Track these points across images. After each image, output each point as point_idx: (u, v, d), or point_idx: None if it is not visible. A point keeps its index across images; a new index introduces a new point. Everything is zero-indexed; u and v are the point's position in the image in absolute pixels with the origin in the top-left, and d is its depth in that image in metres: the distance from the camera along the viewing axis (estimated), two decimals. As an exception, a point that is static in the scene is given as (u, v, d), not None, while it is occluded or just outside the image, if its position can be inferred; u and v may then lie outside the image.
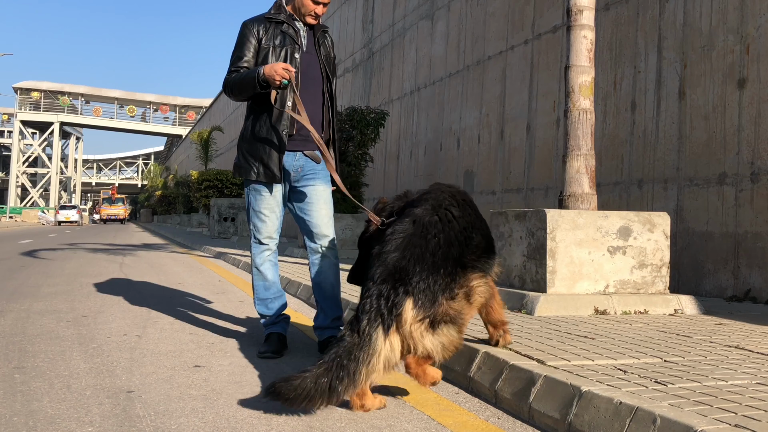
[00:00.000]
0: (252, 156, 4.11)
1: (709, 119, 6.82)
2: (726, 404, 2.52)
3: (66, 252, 14.49)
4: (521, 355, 3.39)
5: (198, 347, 4.31)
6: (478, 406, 3.14)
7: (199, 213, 31.55)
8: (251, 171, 4.10)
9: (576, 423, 2.65)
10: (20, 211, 70.16)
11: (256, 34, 4.09)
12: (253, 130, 4.11)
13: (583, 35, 5.70)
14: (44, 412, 2.86)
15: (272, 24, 4.12)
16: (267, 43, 4.08)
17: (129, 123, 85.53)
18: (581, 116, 5.63)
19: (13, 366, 3.70)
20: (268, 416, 2.86)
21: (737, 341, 3.96)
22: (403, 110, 14.88)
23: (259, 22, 4.13)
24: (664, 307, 5.16)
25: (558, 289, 5.11)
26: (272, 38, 4.08)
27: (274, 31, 4.10)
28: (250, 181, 4.16)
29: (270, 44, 4.07)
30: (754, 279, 6.25)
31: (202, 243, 17.49)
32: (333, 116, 4.24)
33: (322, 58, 4.19)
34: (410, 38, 14.67)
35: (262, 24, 4.13)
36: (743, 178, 6.40)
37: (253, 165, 4.09)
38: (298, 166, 4.11)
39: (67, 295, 6.86)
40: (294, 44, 4.09)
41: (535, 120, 9.72)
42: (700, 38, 6.99)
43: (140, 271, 10.01)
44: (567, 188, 5.60)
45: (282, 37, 4.09)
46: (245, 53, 4.08)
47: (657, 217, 5.42)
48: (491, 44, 11.14)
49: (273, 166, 4.04)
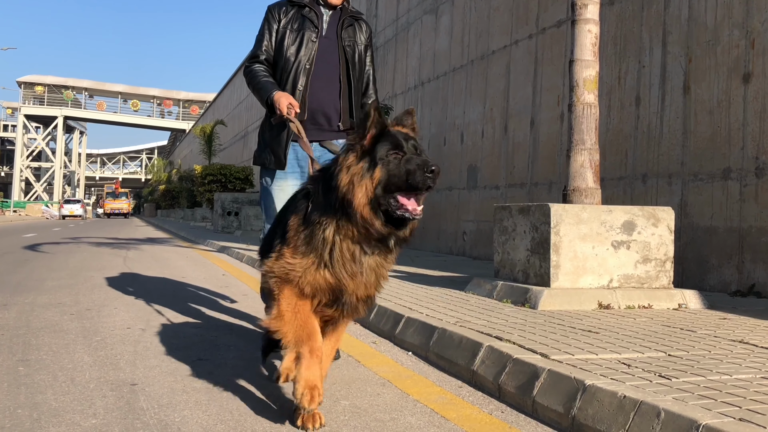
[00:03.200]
0: (266, 145, 4.08)
1: (714, 114, 6.79)
2: (730, 398, 2.52)
3: (70, 246, 14.52)
4: (525, 348, 3.38)
5: (201, 340, 4.32)
6: (481, 400, 3.14)
7: (203, 207, 31.59)
8: (264, 159, 4.08)
9: (580, 417, 2.65)
10: (24, 205, 70.36)
11: (276, 17, 4.07)
12: (268, 118, 4.06)
13: (587, 29, 5.68)
14: (48, 404, 2.87)
15: (294, 7, 4.09)
16: (286, 26, 4.05)
17: (132, 117, 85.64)
18: (585, 110, 5.62)
19: (17, 359, 3.71)
20: (271, 409, 2.87)
21: (741, 336, 3.95)
22: (406, 105, 14.85)
23: (281, 6, 4.12)
24: (668, 302, 5.15)
25: (562, 284, 5.10)
26: (292, 22, 4.05)
27: (295, 15, 4.06)
28: (266, 172, 4.11)
29: (288, 28, 4.04)
30: (758, 274, 6.23)
31: (206, 237, 17.51)
32: (351, 104, 4.09)
33: (343, 43, 4.10)
34: (414, 33, 14.64)
35: (283, 7, 4.11)
36: (748, 173, 6.38)
37: (266, 153, 4.07)
38: None
39: (71, 288, 6.87)
40: (313, 28, 4.04)
41: (539, 115, 9.70)
42: (705, 33, 6.96)
43: (144, 264, 10.02)
44: (571, 183, 5.59)
45: (301, 20, 4.04)
46: (264, 39, 4.08)
47: (661, 211, 5.41)
48: (495, 39, 11.11)
49: (280, 152, 3.99)
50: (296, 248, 2.63)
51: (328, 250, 2.56)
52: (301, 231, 2.63)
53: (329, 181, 2.56)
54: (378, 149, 2.47)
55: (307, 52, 3.99)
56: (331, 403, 2.94)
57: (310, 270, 2.60)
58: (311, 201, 2.64)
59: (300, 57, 3.99)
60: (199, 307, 5.75)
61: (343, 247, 2.56)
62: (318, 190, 2.63)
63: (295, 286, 2.62)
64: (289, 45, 4.00)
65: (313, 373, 2.54)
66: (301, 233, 2.63)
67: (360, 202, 2.46)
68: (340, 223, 2.53)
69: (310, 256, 2.59)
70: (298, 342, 2.59)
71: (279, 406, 2.91)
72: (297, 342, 2.60)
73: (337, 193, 2.50)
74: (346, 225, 2.52)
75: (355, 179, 2.47)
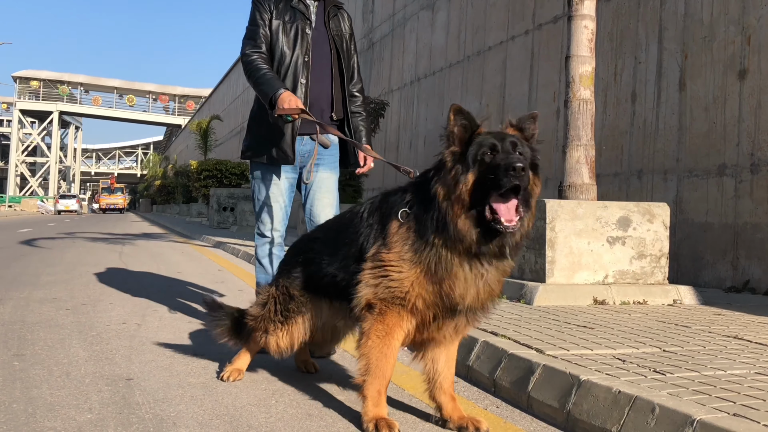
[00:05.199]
0: (264, 138, 3.98)
1: (710, 110, 6.80)
2: (724, 393, 2.53)
3: (65, 241, 14.48)
4: (520, 344, 3.39)
5: (197, 336, 4.31)
6: (477, 395, 3.14)
7: (199, 203, 31.53)
8: (263, 153, 3.98)
9: (575, 412, 2.65)
10: (19, 200, 70.15)
11: (267, 7, 3.98)
12: (262, 110, 3.97)
13: (584, 25, 5.68)
14: (43, 399, 2.86)
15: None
16: (278, 17, 3.97)
17: (128, 112, 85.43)
18: (581, 106, 5.62)
19: (12, 353, 3.70)
20: (267, 404, 2.87)
21: (736, 331, 3.96)
22: (403, 101, 14.85)
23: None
24: (662, 298, 5.17)
25: (557, 279, 5.11)
26: (282, 14, 3.98)
27: (285, 6, 4.00)
28: (257, 166, 4.05)
29: (281, 20, 3.97)
30: (753, 270, 6.25)
31: (202, 232, 17.48)
32: (345, 94, 4.10)
33: (332, 33, 4.09)
34: (411, 28, 14.63)
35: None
36: (743, 170, 6.39)
37: (265, 147, 3.97)
38: (305, 151, 4.01)
39: (66, 283, 6.86)
40: (305, 20, 4.00)
41: (535, 110, 9.70)
42: (701, 29, 6.97)
43: (139, 260, 10.01)
44: (567, 178, 5.60)
45: (292, 12, 4.00)
46: (261, 28, 3.96)
47: (656, 207, 5.42)
48: (492, 34, 11.11)
49: (286, 147, 3.92)
50: (402, 258, 2.44)
51: (438, 261, 2.38)
52: (407, 239, 2.45)
53: (427, 189, 2.41)
54: (469, 151, 2.33)
55: (303, 46, 3.96)
56: (325, 399, 2.95)
57: (420, 281, 2.41)
58: (412, 211, 2.47)
59: (297, 51, 3.95)
60: (194, 303, 5.74)
61: (449, 257, 2.37)
62: (416, 199, 2.47)
63: (399, 304, 2.46)
64: (283, 38, 3.95)
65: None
66: (407, 241, 2.44)
67: (456, 211, 2.31)
68: (442, 235, 2.36)
69: (418, 268, 2.41)
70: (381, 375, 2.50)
71: (275, 400, 2.92)
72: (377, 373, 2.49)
73: (436, 205, 2.36)
74: (447, 237, 2.35)
75: (450, 187, 2.32)
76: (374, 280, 2.49)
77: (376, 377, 2.50)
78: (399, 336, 2.50)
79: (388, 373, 2.53)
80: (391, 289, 2.45)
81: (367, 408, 2.50)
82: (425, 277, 2.40)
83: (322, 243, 2.94)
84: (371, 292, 2.50)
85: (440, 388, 2.64)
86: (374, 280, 2.49)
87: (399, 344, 2.53)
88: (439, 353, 2.65)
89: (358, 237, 2.64)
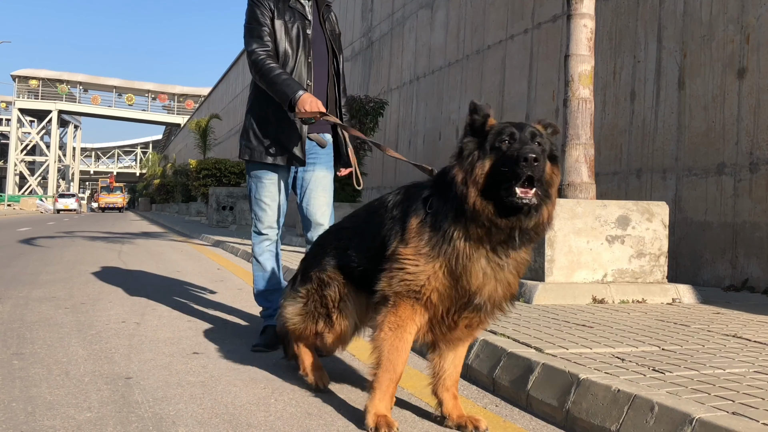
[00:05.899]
0: (271, 139, 3.93)
1: (709, 109, 6.81)
2: (723, 392, 2.53)
3: (64, 240, 14.48)
4: (519, 343, 3.39)
5: (196, 334, 4.31)
6: (476, 394, 3.15)
7: (198, 202, 31.51)
8: (269, 155, 3.92)
9: (574, 410, 2.65)
10: (18, 199, 70.15)
11: (266, 5, 3.93)
12: (267, 110, 3.93)
13: (583, 24, 5.68)
14: (43, 398, 2.86)
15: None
16: (279, 17, 3.93)
17: (127, 111, 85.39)
18: (581, 105, 5.62)
19: (11, 352, 3.70)
20: (266, 402, 2.87)
21: (735, 330, 3.97)
22: (402, 99, 14.85)
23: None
24: (661, 296, 5.17)
25: (556, 278, 5.11)
26: (283, 13, 3.94)
27: (283, 6, 3.96)
28: (254, 165, 4.02)
29: (282, 20, 3.93)
30: (751, 269, 6.26)
31: (201, 231, 17.48)
32: (339, 95, 4.11)
33: (327, 33, 4.08)
34: (410, 27, 14.63)
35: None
36: (742, 168, 6.39)
37: (268, 147, 3.92)
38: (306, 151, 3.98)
39: (65, 282, 6.86)
40: (304, 19, 3.98)
41: (535, 110, 9.71)
42: (700, 28, 6.97)
43: (139, 259, 10.00)
44: (566, 177, 5.60)
45: (291, 12, 3.96)
46: (265, 26, 3.89)
47: (656, 206, 5.43)
48: (491, 33, 11.11)
49: (297, 150, 3.88)
50: (419, 252, 2.44)
51: (455, 255, 2.38)
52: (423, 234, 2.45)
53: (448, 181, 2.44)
54: (488, 139, 2.39)
55: (305, 47, 3.95)
56: (325, 397, 2.95)
57: (437, 275, 2.42)
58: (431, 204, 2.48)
59: (300, 52, 3.93)
60: (193, 302, 5.74)
61: (467, 248, 2.38)
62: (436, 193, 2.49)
63: (413, 297, 2.46)
64: (285, 38, 3.92)
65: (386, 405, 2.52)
66: (424, 236, 2.45)
67: (471, 193, 2.33)
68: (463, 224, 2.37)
69: (437, 261, 2.41)
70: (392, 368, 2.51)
71: (274, 399, 2.92)
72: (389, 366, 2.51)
73: (454, 189, 2.38)
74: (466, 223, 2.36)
75: (467, 171, 2.36)
76: (390, 273, 2.51)
77: (386, 370, 2.51)
78: (411, 329, 2.51)
79: (399, 368, 2.53)
80: (406, 282, 2.46)
81: (373, 401, 2.51)
82: (441, 270, 2.41)
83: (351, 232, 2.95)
84: (386, 284, 2.52)
85: (443, 385, 2.66)
86: (390, 273, 2.51)
87: (411, 338, 2.53)
88: (448, 351, 2.68)
89: (381, 229, 2.65)
